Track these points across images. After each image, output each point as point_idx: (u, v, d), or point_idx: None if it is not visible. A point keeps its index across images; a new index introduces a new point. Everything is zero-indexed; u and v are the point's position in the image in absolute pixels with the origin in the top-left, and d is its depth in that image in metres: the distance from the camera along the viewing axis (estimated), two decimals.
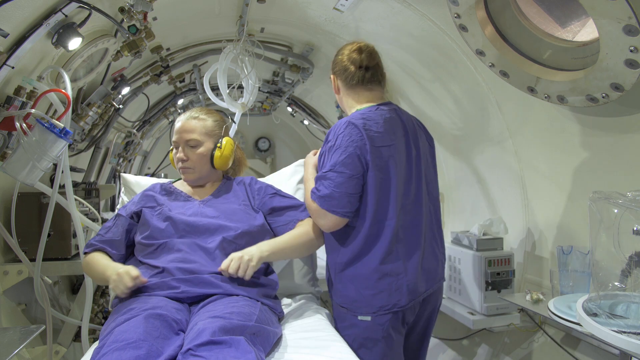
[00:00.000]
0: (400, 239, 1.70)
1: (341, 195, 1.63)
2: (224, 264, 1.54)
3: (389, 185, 1.69)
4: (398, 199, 1.70)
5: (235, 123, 1.98)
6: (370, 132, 1.68)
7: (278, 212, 1.85)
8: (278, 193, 1.92)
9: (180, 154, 1.84)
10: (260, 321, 1.37)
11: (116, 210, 2.14)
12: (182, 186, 1.93)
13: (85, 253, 1.71)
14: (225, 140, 1.89)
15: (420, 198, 1.78)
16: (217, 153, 1.86)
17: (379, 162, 1.68)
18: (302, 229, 1.78)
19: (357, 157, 1.64)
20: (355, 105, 1.82)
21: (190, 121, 1.87)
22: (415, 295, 1.70)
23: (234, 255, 1.56)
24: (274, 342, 1.43)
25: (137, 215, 1.78)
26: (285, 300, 1.91)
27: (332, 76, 1.88)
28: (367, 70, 1.79)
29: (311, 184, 1.75)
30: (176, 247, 1.64)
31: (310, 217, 1.78)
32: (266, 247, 1.64)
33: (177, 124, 1.89)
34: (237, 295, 1.52)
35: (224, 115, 2.01)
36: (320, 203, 1.64)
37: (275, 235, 1.82)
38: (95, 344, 1.28)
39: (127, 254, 1.76)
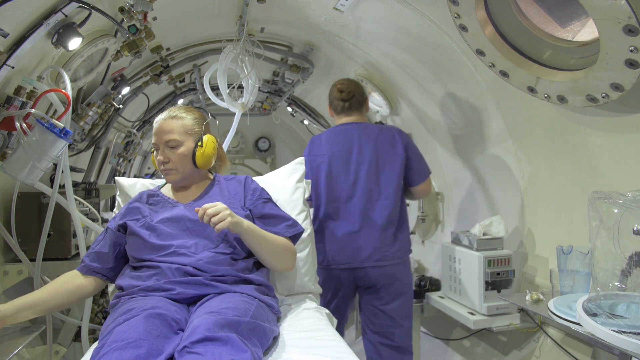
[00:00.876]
0: (331, 220, 2.47)
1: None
2: (206, 205, 1.55)
3: (319, 183, 2.49)
4: (327, 192, 2.46)
5: (215, 118, 2.00)
6: (312, 144, 2.60)
7: (267, 219, 1.83)
8: (271, 200, 1.90)
9: (160, 156, 1.79)
10: (255, 317, 1.37)
11: (113, 214, 2.14)
12: (168, 191, 1.91)
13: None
14: (206, 137, 1.83)
15: (356, 193, 2.44)
16: (198, 152, 1.80)
17: (313, 165, 2.51)
18: (283, 239, 1.78)
19: (307, 161, 2.32)
20: None
21: (168, 121, 1.80)
22: (335, 262, 2.43)
23: (220, 204, 1.57)
24: (271, 339, 1.42)
25: (123, 228, 1.77)
26: (285, 300, 1.91)
27: (328, 106, 2.69)
28: (345, 102, 2.56)
29: None
30: (164, 253, 1.64)
31: (290, 236, 1.82)
32: (247, 221, 1.66)
33: (155, 125, 1.81)
34: (234, 292, 1.52)
35: (204, 112, 1.96)
36: None
37: None
38: (95, 344, 1.28)
39: (122, 264, 1.75)
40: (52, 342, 2.16)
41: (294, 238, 1.84)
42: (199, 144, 1.81)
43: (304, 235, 1.96)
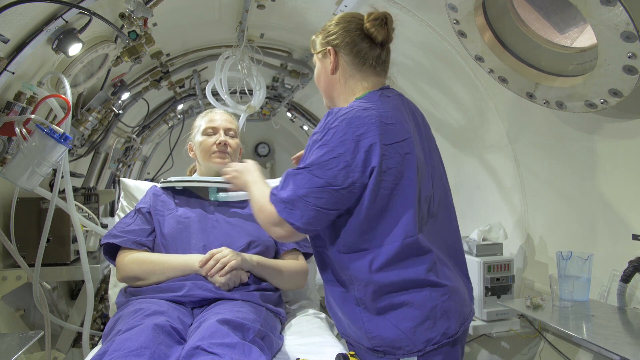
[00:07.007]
0: None
1: None
2: (213, 251, 1.61)
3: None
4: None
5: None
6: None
7: None
8: None
9: (222, 138, 1.90)
10: (264, 326, 1.38)
11: (116, 217, 2.14)
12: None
13: (118, 247, 1.71)
14: None
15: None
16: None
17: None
18: (294, 263, 1.81)
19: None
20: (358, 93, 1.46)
21: (226, 114, 2.00)
22: None
23: (226, 250, 1.62)
24: (275, 350, 1.42)
25: (150, 215, 1.80)
26: (285, 306, 1.91)
27: (330, 49, 1.44)
28: (384, 49, 1.47)
29: None
30: (181, 251, 1.67)
31: (304, 252, 1.87)
32: (256, 256, 1.70)
33: (210, 114, 1.98)
34: (243, 300, 1.53)
35: None
36: None
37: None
38: (95, 350, 1.27)
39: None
40: (50, 348, 2.15)
41: (307, 255, 1.88)
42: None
43: None
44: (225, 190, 1.83)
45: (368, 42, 1.43)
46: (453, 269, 1.41)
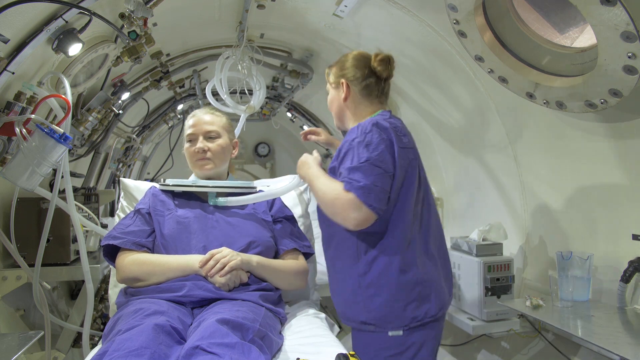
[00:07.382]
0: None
1: None
2: (213, 251, 1.62)
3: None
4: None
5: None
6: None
7: (291, 234, 1.89)
8: (294, 217, 1.98)
9: (200, 144, 1.86)
10: (264, 326, 1.38)
11: (116, 217, 2.14)
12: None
13: (119, 248, 1.71)
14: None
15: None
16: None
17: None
18: (294, 264, 1.81)
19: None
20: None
21: (207, 115, 1.93)
22: None
23: (226, 249, 1.63)
24: (275, 350, 1.42)
25: (149, 215, 1.80)
26: (285, 307, 1.91)
27: (343, 81, 1.78)
28: (387, 82, 1.81)
29: None
30: (181, 252, 1.67)
31: (303, 252, 1.89)
32: (256, 257, 1.70)
33: (192, 119, 1.93)
34: (243, 300, 1.53)
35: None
36: None
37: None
38: (95, 350, 1.27)
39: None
40: (50, 348, 2.15)
41: (306, 255, 1.90)
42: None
43: None
44: (224, 194, 1.83)
45: (374, 77, 1.77)
46: (439, 265, 1.73)
